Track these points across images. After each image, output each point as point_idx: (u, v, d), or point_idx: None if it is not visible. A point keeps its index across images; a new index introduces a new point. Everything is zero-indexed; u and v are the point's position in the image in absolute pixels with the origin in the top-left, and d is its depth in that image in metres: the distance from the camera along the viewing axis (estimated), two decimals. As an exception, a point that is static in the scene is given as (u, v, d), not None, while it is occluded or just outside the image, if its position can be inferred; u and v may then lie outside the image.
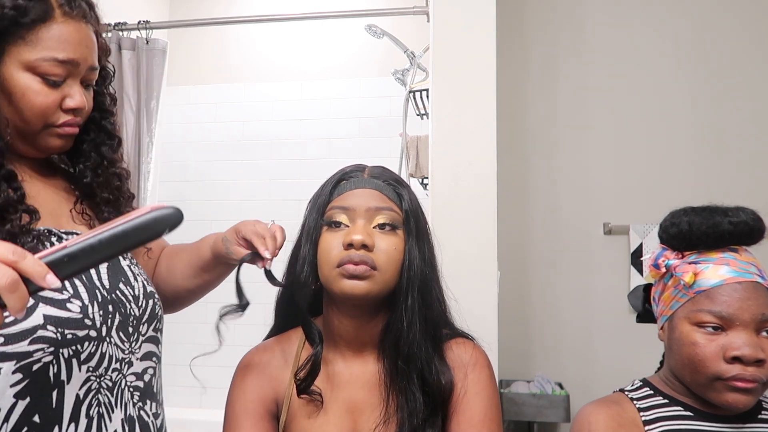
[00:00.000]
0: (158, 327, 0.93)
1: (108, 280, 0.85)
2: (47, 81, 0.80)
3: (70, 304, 0.77)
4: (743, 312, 0.85)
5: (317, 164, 2.79)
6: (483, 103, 1.67)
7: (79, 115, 0.85)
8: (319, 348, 0.92)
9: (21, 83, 0.79)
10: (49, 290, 0.68)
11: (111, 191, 0.93)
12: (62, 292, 0.77)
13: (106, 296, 0.83)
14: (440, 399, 0.89)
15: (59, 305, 0.76)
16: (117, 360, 0.83)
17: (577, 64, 2.43)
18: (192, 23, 2.70)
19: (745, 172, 2.29)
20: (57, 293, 0.77)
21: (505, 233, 1.77)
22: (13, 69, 0.79)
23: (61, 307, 0.76)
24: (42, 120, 0.82)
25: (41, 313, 0.74)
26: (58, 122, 0.83)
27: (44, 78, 0.80)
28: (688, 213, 0.93)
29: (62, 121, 0.83)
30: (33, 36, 0.79)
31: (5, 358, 0.73)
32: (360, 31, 2.41)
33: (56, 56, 0.80)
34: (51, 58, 0.79)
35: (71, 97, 0.83)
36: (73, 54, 0.81)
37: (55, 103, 0.82)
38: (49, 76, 0.80)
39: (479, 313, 1.49)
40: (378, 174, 0.95)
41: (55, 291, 0.75)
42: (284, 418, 0.93)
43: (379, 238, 0.89)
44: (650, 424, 0.90)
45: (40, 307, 0.75)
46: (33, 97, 0.80)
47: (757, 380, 0.84)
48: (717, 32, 2.37)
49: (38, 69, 0.80)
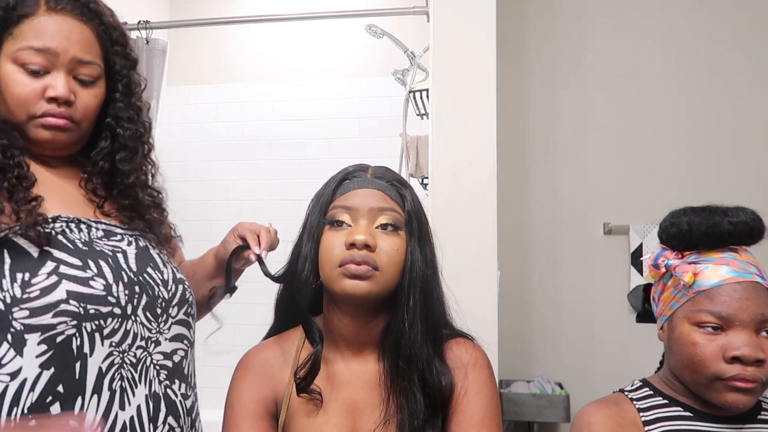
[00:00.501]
0: (190, 312, 0.96)
1: (135, 264, 0.88)
2: (27, 70, 0.83)
3: (93, 281, 0.81)
4: (743, 312, 0.85)
5: (317, 164, 2.79)
6: (483, 103, 1.67)
7: (64, 107, 0.86)
8: (319, 347, 0.92)
9: (5, 74, 0.83)
10: (72, 267, 0.79)
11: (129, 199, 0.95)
12: (86, 270, 0.81)
13: (133, 278, 0.86)
14: (440, 400, 0.89)
15: (82, 282, 0.80)
16: (143, 338, 0.86)
17: (577, 64, 2.44)
18: (192, 23, 2.70)
19: (745, 172, 2.29)
20: (80, 271, 0.80)
21: (505, 233, 1.77)
22: (2, 63, 0.84)
23: (85, 284, 0.80)
24: (24, 110, 0.84)
25: (64, 289, 0.78)
26: (39, 112, 0.85)
27: (24, 67, 0.83)
28: (688, 213, 0.93)
29: (43, 111, 0.85)
30: (18, 30, 0.83)
31: (31, 330, 0.76)
32: (360, 31, 2.40)
33: (32, 44, 0.83)
34: (28, 46, 0.83)
35: (53, 87, 0.84)
36: (50, 43, 0.84)
37: (34, 92, 0.84)
38: (28, 65, 0.83)
39: (479, 313, 1.49)
40: (381, 174, 0.95)
41: (78, 269, 0.80)
42: (284, 418, 0.93)
43: (382, 239, 0.89)
44: (650, 425, 0.90)
45: (63, 284, 0.78)
46: (13, 86, 0.83)
47: (756, 380, 0.84)
48: (717, 33, 2.37)
49: (19, 59, 0.83)
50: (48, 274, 0.78)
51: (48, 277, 0.78)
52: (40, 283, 0.77)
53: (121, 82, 0.95)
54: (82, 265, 0.81)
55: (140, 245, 0.92)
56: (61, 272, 0.79)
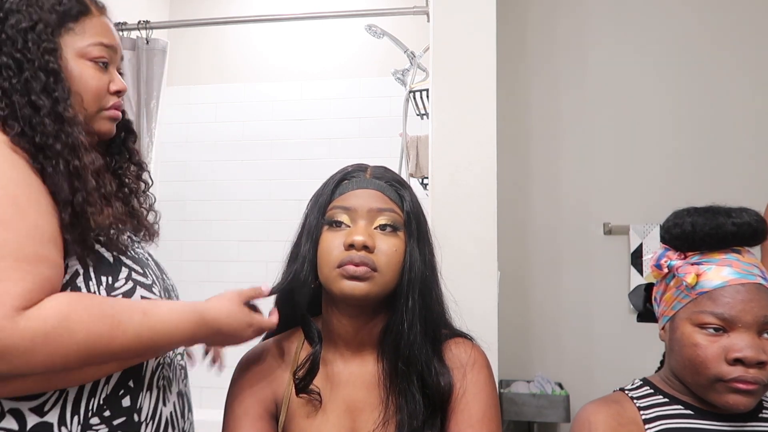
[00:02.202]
0: None
1: (157, 270, 0.94)
2: (98, 64, 0.89)
3: (153, 288, 0.88)
4: (745, 314, 0.85)
5: (317, 164, 2.79)
6: (483, 103, 1.67)
7: (120, 98, 0.93)
8: (318, 347, 0.92)
9: (77, 69, 0.87)
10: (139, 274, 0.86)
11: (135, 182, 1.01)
12: (146, 277, 0.87)
13: (161, 284, 0.92)
14: (439, 400, 0.89)
15: (148, 288, 0.86)
16: None
17: (577, 64, 2.43)
18: (192, 23, 2.70)
19: (747, 172, 2.29)
20: (144, 278, 0.87)
21: (505, 233, 1.77)
22: (70, 58, 0.87)
23: (149, 290, 0.87)
24: (97, 102, 0.90)
25: (139, 295, 0.85)
26: (108, 105, 0.91)
27: (95, 62, 0.89)
28: (691, 214, 0.93)
29: (111, 104, 0.92)
30: (80, 27, 0.89)
31: None
32: (360, 31, 2.40)
33: (102, 41, 0.90)
34: (98, 42, 0.89)
35: (114, 81, 0.92)
36: (113, 40, 0.92)
37: (105, 85, 0.90)
38: (99, 60, 0.89)
39: (479, 313, 1.49)
40: (380, 174, 0.95)
41: (142, 276, 0.86)
42: (283, 418, 0.93)
43: (380, 240, 0.89)
44: (650, 423, 0.90)
45: (138, 290, 0.85)
46: (89, 80, 0.88)
47: (758, 382, 0.84)
48: (718, 33, 2.37)
49: (89, 54, 0.88)
50: (125, 279, 0.84)
51: (126, 282, 0.84)
52: (121, 288, 0.83)
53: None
54: (143, 272, 0.87)
55: (146, 250, 0.97)
56: (134, 278, 0.85)
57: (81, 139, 0.82)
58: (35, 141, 0.79)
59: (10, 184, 0.75)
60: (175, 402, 0.90)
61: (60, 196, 0.78)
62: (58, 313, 0.71)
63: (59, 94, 0.82)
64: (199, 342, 0.88)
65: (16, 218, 0.73)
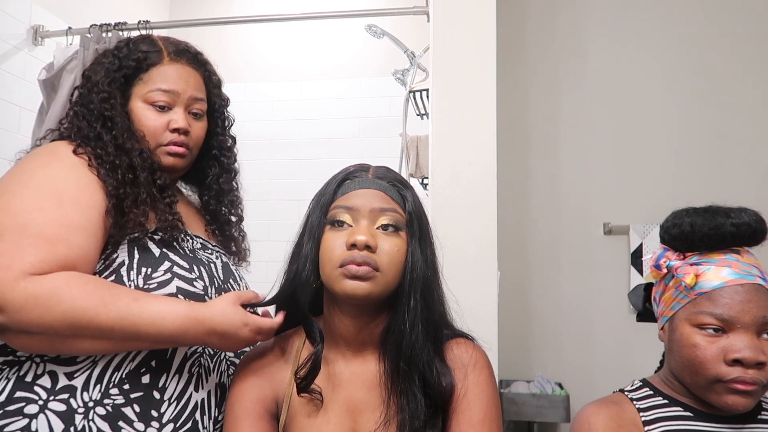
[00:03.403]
0: None
1: (222, 274, 1.07)
2: (155, 107, 1.06)
3: (196, 282, 0.99)
4: (744, 314, 0.85)
5: (317, 164, 2.79)
6: (483, 103, 1.67)
7: (183, 136, 1.07)
8: (320, 347, 0.92)
9: (138, 111, 1.06)
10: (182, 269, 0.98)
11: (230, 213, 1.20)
12: (191, 272, 0.99)
13: (221, 285, 1.05)
14: (441, 401, 0.89)
15: (188, 282, 0.98)
16: None
17: (577, 64, 2.44)
18: (192, 23, 2.69)
19: (746, 172, 2.29)
20: (188, 272, 0.98)
21: (505, 233, 1.77)
22: (135, 103, 1.06)
23: (190, 284, 0.98)
24: (154, 139, 1.05)
25: (175, 285, 0.96)
26: (165, 141, 1.06)
27: (154, 105, 1.05)
28: (690, 214, 0.93)
29: (169, 141, 1.06)
30: (147, 76, 1.06)
31: None
32: (360, 31, 2.40)
33: (160, 86, 1.06)
34: (156, 88, 1.06)
35: (174, 120, 1.06)
36: (173, 85, 1.06)
37: (163, 125, 1.05)
38: (157, 103, 1.06)
39: (479, 314, 1.49)
40: (382, 174, 0.95)
41: (186, 271, 0.98)
42: (284, 418, 0.93)
43: (382, 240, 0.89)
44: (650, 425, 0.90)
45: (175, 281, 0.96)
46: (146, 120, 1.05)
47: (757, 383, 0.84)
48: (718, 31, 2.37)
49: (150, 99, 1.06)
50: (165, 271, 0.96)
51: (164, 274, 0.96)
52: (158, 278, 0.95)
53: (219, 118, 1.19)
54: (189, 268, 0.99)
55: (224, 260, 1.12)
56: (174, 271, 0.97)
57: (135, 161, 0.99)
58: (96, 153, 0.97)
59: (59, 182, 0.92)
60: (211, 390, 0.99)
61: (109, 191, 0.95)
62: (53, 283, 0.84)
63: (117, 132, 1.00)
64: (193, 340, 0.92)
65: (52, 208, 0.89)
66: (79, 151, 0.97)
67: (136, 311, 0.86)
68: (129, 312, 0.86)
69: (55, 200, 0.90)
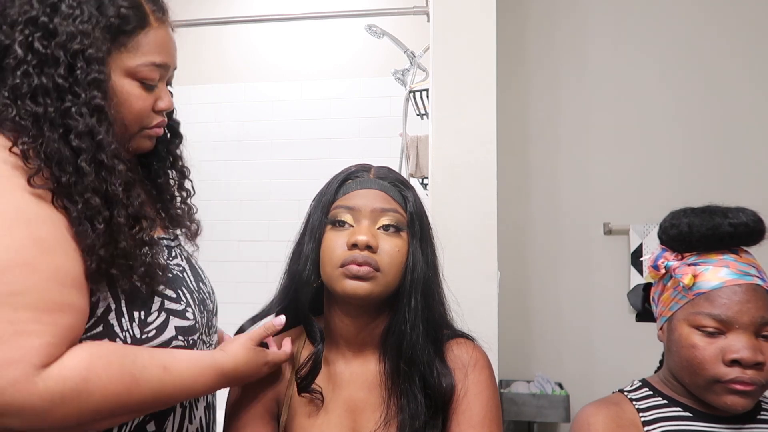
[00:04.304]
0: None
1: (194, 281, 0.91)
2: (145, 85, 0.83)
3: (187, 313, 0.85)
4: (742, 315, 0.85)
5: (317, 164, 2.79)
6: (483, 103, 1.67)
7: (164, 116, 0.89)
8: (321, 346, 0.92)
9: (124, 90, 0.80)
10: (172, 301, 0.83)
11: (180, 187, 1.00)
12: (180, 302, 0.84)
13: (197, 297, 0.89)
14: (441, 401, 0.90)
15: (181, 316, 0.84)
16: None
17: (577, 64, 2.43)
18: (192, 23, 2.69)
19: (745, 172, 2.29)
20: (177, 304, 0.84)
21: (505, 233, 1.77)
22: (116, 76, 0.79)
23: (183, 317, 0.84)
24: (139, 123, 0.84)
25: (173, 326, 0.83)
26: (151, 124, 0.86)
27: (142, 83, 0.82)
28: (688, 214, 0.93)
29: (154, 123, 0.87)
30: (133, 43, 0.80)
31: None
32: (360, 31, 2.40)
33: (154, 60, 0.82)
34: (150, 63, 0.82)
35: (161, 99, 0.86)
36: (167, 58, 0.85)
37: (150, 106, 0.84)
38: (147, 81, 0.82)
39: (479, 314, 1.49)
40: (384, 175, 0.95)
41: (175, 302, 0.83)
42: (285, 418, 0.93)
43: (383, 240, 0.89)
44: (649, 425, 0.91)
45: (171, 320, 0.82)
46: (134, 102, 0.82)
47: (755, 383, 0.84)
48: (718, 33, 2.37)
49: (138, 74, 0.81)
50: (158, 311, 0.81)
51: (159, 315, 0.81)
52: (154, 322, 0.81)
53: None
54: (176, 297, 0.85)
55: (186, 257, 0.94)
56: (167, 308, 0.82)
57: (117, 191, 0.75)
58: (62, 181, 0.71)
59: (36, 222, 0.70)
60: (202, 417, 0.91)
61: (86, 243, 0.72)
62: (77, 374, 0.69)
63: (103, 138, 0.74)
64: (214, 390, 0.87)
65: (39, 260, 0.68)
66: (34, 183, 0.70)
67: (169, 383, 0.76)
68: (162, 386, 0.76)
69: (38, 251, 0.68)
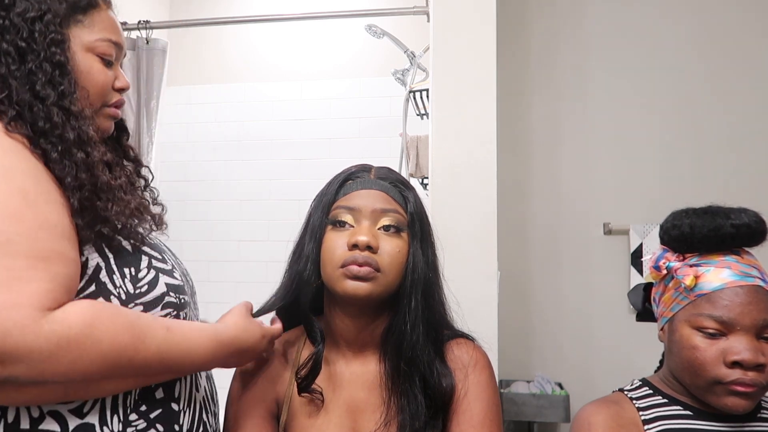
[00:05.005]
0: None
1: (173, 254, 0.92)
2: (104, 61, 0.86)
3: (175, 273, 0.85)
4: (744, 316, 0.85)
5: (317, 164, 2.79)
6: (483, 103, 1.67)
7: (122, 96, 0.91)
8: (321, 346, 0.92)
9: (86, 63, 0.84)
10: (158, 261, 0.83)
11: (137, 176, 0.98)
12: (166, 262, 0.85)
13: (182, 266, 0.91)
14: (441, 402, 0.90)
15: (169, 274, 0.84)
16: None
17: (577, 64, 2.43)
18: (192, 23, 2.69)
19: (746, 172, 2.29)
20: (164, 264, 0.84)
21: (505, 233, 1.77)
22: (77, 50, 0.83)
23: (171, 276, 0.84)
24: (102, 98, 0.86)
25: (163, 282, 0.82)
26: (111, 101, 0.88)
27: (102, 58, 0.86)
28: (690, 215, 0.92)
29: (114, 101, 0.89)
30: (89, 20, 0.85)
31: None
32: (360, 31, 2.40)
33: (111, 38, 0.86)
34: (107, 39, 0.86)
35: (119, 78, 0.89)
36: (120, 38, 0.89)
37: (111, 82, 0.87)
38: (106, 56, 0.86)
39: (479, 313, 1.49)
40: (384, 175, 0.95)
41: (161, 262, 0.84)
42: (285, 418, 0.93)
43: (384, 240, 0.89)
44: (649, 424, 0.91)
45: (161, 277, 0.82)
46: (96, 75, 0.85)
47: (757, 385, 0.84)
48: (718, 33, 2.37)
49: (97, 49, 0.85)
50: (147, 268, 0.81)
51: (149, 272, 0.81)
52: (145, 278, 0.80)
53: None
54: (162, 258, 0.85)
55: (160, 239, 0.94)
56: (154, 266, 0.82)
57: (90, 133, 0.78)
58: (37, 126, 0.74)
59: (17, 174, 0.70)
60: (205, 386, 0.90)
61: (68, 182, 0.74)
62: (83, 320, 0.67)
63: (65, 87, 0.78)
64: (214, 364, 0.84)
65: (26, 211, 0.68)
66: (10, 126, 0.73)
67: (173, 343, 0.75)
68: (167, 345, 0.74)
69: (23, 202, 0.69)
